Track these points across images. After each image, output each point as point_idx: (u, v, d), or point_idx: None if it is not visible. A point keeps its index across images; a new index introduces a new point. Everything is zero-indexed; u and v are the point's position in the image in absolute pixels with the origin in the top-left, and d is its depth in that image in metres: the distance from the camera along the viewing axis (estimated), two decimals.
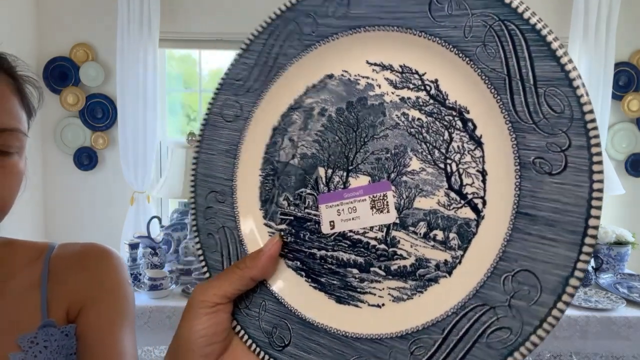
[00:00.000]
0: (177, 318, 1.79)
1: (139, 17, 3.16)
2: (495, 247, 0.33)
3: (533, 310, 0.32)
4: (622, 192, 2.47)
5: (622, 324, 1.80)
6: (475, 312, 0.33)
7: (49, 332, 0.63)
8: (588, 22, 3.15)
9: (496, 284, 0.33)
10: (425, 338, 0.35)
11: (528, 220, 0.32)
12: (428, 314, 0.35)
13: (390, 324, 0.37)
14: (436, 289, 0.36)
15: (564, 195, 0.31)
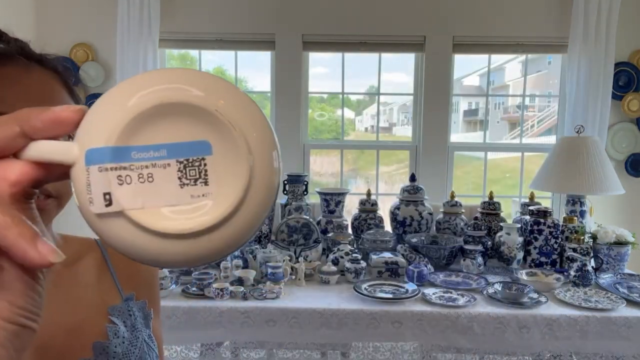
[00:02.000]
0: (177, 318, 1.79)
1: (139, 17, 3.16)
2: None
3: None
4: (622, 192, 2.47)
5: (622, 324, 1.81)
6: None
7: (131, 304, 0.72)
8: (588, 22, 3.15)
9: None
10: None
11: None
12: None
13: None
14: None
15: None
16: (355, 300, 1.90)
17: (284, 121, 3.42)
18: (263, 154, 0.33)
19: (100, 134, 0.31)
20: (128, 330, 0.70)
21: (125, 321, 0.71)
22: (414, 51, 3.45)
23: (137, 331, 0.71)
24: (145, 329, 0.73)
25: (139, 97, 0.32)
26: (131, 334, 0.70)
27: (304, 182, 2.58)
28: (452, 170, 3.52)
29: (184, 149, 0.31)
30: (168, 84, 0.32)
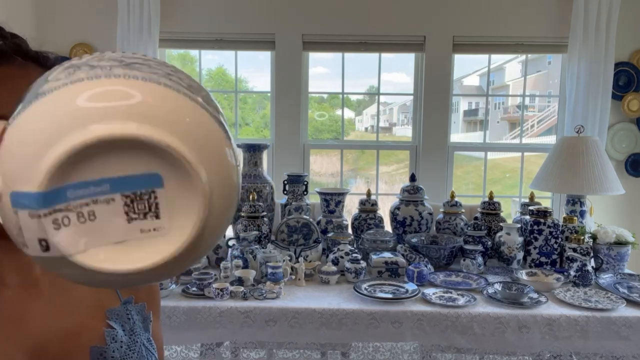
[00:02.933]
0: (177, 318, 1.79)
1: (139, 17, 3.16)
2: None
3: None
4: (622, 192, 2.47)
5: (622, 324, 1.81)
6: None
7: (129, 307, 0.72)
8: (588, 22, 3.15)
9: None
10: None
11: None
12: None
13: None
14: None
15: None
16: (355, 300, 1.90)
17: (284, 121, 3.42)
18: (221, 176, 0.30)
19: (27, 173, 0.27)
20: (126, 334, 0.69)
21: (124, 325, 0.70)
22: (414, 51, 3.45)
23: (136, 335, 0.70)
24: (144, 332, 0.72)
25: (72, 128, 0.27)
26: (129, 338, 0.69)
27: (304, 182, 2.58)
28: (452, 170, 3.52)
29: (131, 182, 0.28)
30: (106, 105, 0.28)
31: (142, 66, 0.29)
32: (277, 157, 3.42)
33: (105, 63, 0.28)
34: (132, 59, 0.29)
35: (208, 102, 0.32)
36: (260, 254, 2.14)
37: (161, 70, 0.30)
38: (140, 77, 0.28)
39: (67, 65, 0.29)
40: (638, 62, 3.30)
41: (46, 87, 0.28)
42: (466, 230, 2.45)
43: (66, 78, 0.28)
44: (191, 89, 0.31)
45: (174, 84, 0.30)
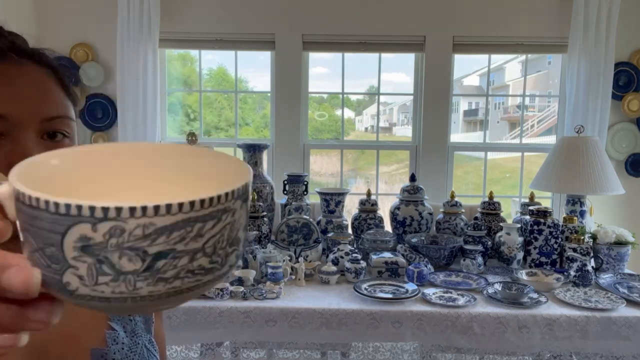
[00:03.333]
0: (177, 318, 1.79)
1: (139, 17, 3.16)
2: None
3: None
4: (622, 192, 2.47)
5: (622, 324, 1.81)
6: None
7: None
8: (588, 22, 3.15)
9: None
10: None
11: None
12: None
13: None
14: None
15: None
16: (355, 300, 1.90)
17: (284, 121, 3.42)
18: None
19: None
20: (128, 335, 0.69)
21: (125, 326, 0.69)
22: (414, 51, 3.45)
23: (137, 337, 0.70)
24: (145, 333, 0.72)
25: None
26: (131, 339, 0.69)
27: (304, 182, 2.58)
28: (452, 170, 3.52)
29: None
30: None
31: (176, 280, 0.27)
32: (277, 157, 3.42)
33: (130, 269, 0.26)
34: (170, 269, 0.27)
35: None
36: (260, 254, 2.14)
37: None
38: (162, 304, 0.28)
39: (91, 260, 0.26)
40: (638, 62, 3.30)
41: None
42: (466, 230, 2.45)
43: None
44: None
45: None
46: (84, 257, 0.25)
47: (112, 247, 0.25)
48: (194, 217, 0.25)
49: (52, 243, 0.25)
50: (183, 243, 0.25)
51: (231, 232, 0.28)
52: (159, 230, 0.25)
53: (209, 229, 0.26)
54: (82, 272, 0.25)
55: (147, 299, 0.26)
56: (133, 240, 0.25)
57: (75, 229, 0.25)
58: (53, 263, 0.26)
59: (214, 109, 4.11)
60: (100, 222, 0.24)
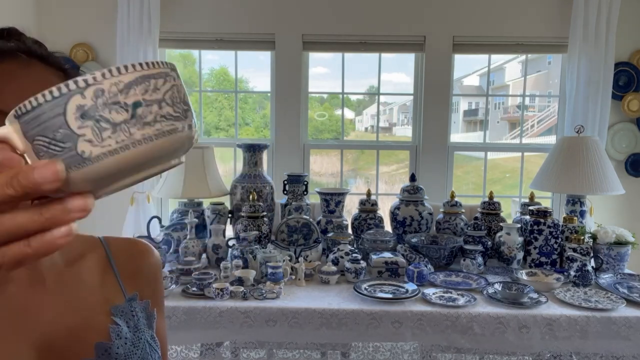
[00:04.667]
0: (177, 318, 1.78)
1: (139, 17, 3.16)
2: None
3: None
4: (622, 192, 2.47)
5: (622, 324, 1.81)
6: None
7: (134, 304, 0.72)
8: (588, 22, 3.15)
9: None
10: None
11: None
12: None
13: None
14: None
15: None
16: (355, 300, 1.90)
17: (284, 121, 3.42)
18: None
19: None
20: (131, 331, 0.69)
21: (128, 322, 0.70)
22: (414, 51, 3.45)
23: (140, 332, 0.71)
24: (148, 329, 0.73)
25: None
26: (134, 334, 0.69)
27: (304, 182, 2.58)
28: (452, 170, 3.52)
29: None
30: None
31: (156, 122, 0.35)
32: (277, 157, 3.42)
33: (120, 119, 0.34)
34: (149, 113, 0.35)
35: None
36: (260, 254, 2.14)
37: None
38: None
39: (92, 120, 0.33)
40: (638, 62, 3.30)
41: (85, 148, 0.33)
42: (466, 230, 2.45)
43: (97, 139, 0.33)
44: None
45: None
46: (86, 122, 0.32)
47: (101, 105, 0.32)
48: (147, 74, 0.34)
49: (60, 125, 0.32)
50: (148, 94, 0.34)
51: (179, 92, 0.36)
52: (127, 84, 0.33)
53: (161, 85, 0.34)
54: (89, 135, 0.32)
55: (142, 142, 0.33)
56: (113, 95, 0.32)
57: (71, 103, 0.32)
58: (66, 143, 0.32)
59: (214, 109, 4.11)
60: (85, 89, 0.32)
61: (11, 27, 0.66)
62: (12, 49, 0.61)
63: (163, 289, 0.83)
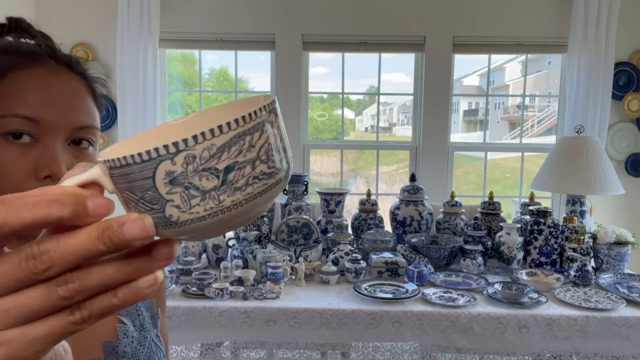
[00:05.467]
0: (177, 318, 1.79)
1: (139, 17, 3.16)
2: None
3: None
4: (622, 192, 2.47)
5: (622, 324, 1.81)
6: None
7: (139, 304, 0.73)
8: (588, 22, 3.15)
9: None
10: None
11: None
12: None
13: None
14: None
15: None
16: (355, 300, 1.90)
17: (284, 121, 3.40)
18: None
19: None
20: (137, 330, 0.70)
21: (134, 321, 0.71)
22: (414, 51, 3.45)
23: (146, 331, 0.71)
24: (153, 328, 0.73)
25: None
26: (140, 333, 0.70)
27: (304, 182, 2.58)
28: (452, 170, 3.52)
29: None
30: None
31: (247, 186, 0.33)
32: None
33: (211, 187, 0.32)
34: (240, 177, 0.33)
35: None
36: (260, 254, 2.14)
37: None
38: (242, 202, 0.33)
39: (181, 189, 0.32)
40: (638, 62, 3.30)
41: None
42: (466, 230, 2.45)
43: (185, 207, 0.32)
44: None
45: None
46: (175, 189, 0.31)
47: (191, 172, 0.31)
48: (242, 131, 0.32)
49: (148, 188, 0.31)
50: (242, 155, 0.32)
51: (276, 140, 0.35)
52: (219, 148, 0.31)
53: (257, 140, 0.32)
54: (177, 201, 0.31)
55: (232, 208, 0.32)
56: (204, 162, 0.31)
57: (160, 168, 0.31)
58: (154, 205, 0.32)
59: None
60: (176, 155, 0.30)
61: (20, 17, 0.66)
62: (41, 54, 0.62)
63: (164, 289, 0.83)
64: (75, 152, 0.63)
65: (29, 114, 0.58)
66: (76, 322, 0.30)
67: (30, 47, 0.63)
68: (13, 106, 0.58)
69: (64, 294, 0.29)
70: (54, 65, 0.62)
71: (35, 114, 0.58)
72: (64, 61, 0.64)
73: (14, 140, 0.58)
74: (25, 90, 0.59)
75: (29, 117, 0.58)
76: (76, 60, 0.66)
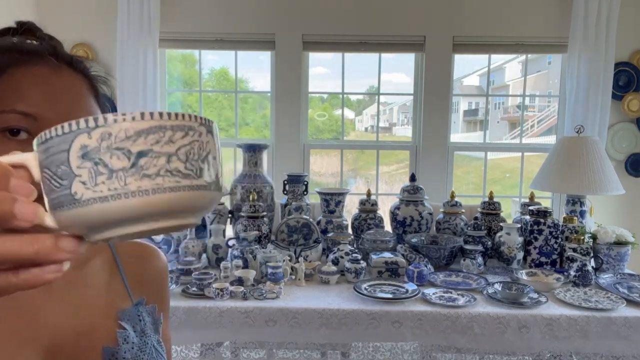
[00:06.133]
0: (177, 318, 1.78)
1: (139, 17, 3.16)
2: None
3: None
4: (622, 192, 2.47)
5: (622, 324, 1.81)
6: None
7: (141, 309, 0.72)
8: (588, 22, 3.15)
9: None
10: None
11: None
12: None
13: None
14: None
15: None
16: (355, 300, 1.90)
17: (284, 121, 3.42)
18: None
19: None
20: (137, 335, 0.69)
21: (135, 326, 0.70)
22: (414, 51, 3.45)
23: (147, 337, 0.70)
24: (154, 334, 0.72)
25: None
26: (140, 339, 0.69)
27: (304, 182, 2.58)
28: (452, 170, 3.52)
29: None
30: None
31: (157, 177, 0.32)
32: (277, 157, 3.42)
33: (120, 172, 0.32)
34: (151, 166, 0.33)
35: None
36: (260, 254, 2.14)
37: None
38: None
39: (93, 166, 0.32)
40: (638, 62, 3.30)
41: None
42: (466, 230, 2.45)
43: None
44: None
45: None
46: (85, 163, 0.31)
47: (104, 149, 0.31)
48: (164, 125, 0.32)
49: (62, 161, 0.31)
50: (159, 145, 0.31)
51: (200, 150, 0.34)
52: (137, 132, 0.31)
53: (178, 138, 0.32)
54: (84, 177, 0.31)
55: (137, 194, 0.31)
56: (119, 141, 0.31)
57: (77, 141, 0.31)
58: (64, 180, 0.31)
59: (214, 109, 4.11)
60: (93, 129, 0.31)
61: (29, 21, 0.66)
62: (42, 52, 0.61)
63: (169, 293, 0.83)
64: None
65: (26, 110, 0.58)
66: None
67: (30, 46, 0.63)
68: (11, 102, 0.57)
69: None
70: (55, 63, 0.62)
71: (33, 111, 0.58)
72: (65, 59, 0.63)
73: (12, 136, 0.58)
74: (24, 86, 0.59)
75: (26, 113, 0.58)
76: (77, 59, 0.65)
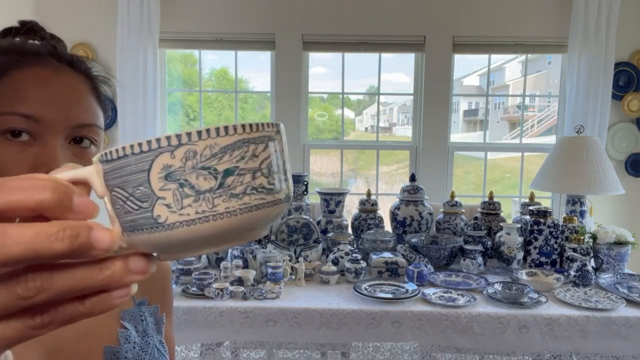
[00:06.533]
0: (177, 318, 1.78)
1: (139, 17, 3.16)
2: None
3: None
4: (622, 192, 2.47)
5: (622, 324, 1.81)
6: None
7: (143, 309, 0.72)
8: (588, 22, 3.15)
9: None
10: None
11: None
12: None
13: None
14: None
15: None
16: (355, 300, 1.90)
17: (284, 121, 3.40)
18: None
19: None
20: (139, 335, 0.69)
21: (137, 326, 0.70)
22: (414, 51, 3.45)
23: (149, 337, 0.70)
24: (156, 334, 0.72)
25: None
26: (142, 339, 0.69)
27: (304, 182, 2.58)
28: (452, 170, 3.52)
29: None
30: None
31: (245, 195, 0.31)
32: None
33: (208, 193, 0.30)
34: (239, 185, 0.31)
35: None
36: (260, 254, 2.14)
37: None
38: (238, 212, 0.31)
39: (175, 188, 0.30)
40: (638, 62, 3.30)
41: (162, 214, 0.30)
42: (466, 230, 2.45)
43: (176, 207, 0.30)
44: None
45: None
46: (169, 185, 0.29)
47: (189, 169, 0.29)
48: (247, 138, 0.30)
49: (141, 182, 0.29)
50: (244, 161, 0.30)
51: (278, 159, 0.33)
52: (222, 149, 0.29)
53: (261, 152, 0.31)
54: (169, 199, 0.29)
55: (224, 216, 0.30)
56: (204, 160, 0.29)
57: (158, 160, 0.29)
58: (143, 202, 0.29)
59: (214, 109, 4.11)
60: (177, 148, 0.29)
61: (32, 21, 0.66)
62: (43, 52, 0.61)
63: (172, 294, 0.82)
64: (75, 150, 0.62)
65: (27, 111, 0.58)
66: (35, 326, 0.27)
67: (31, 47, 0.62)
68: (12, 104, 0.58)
69: (22, 293, 0.26)
70: (55, 64, 0.62)
71: (34, 112, 0.58)
72: (66, 60, 0.63)
73: (13, 138, 0.58)
74: (25, 88, 0.59)
75: (27, 115, 0.58)
76: (78, 59, 0.65)
